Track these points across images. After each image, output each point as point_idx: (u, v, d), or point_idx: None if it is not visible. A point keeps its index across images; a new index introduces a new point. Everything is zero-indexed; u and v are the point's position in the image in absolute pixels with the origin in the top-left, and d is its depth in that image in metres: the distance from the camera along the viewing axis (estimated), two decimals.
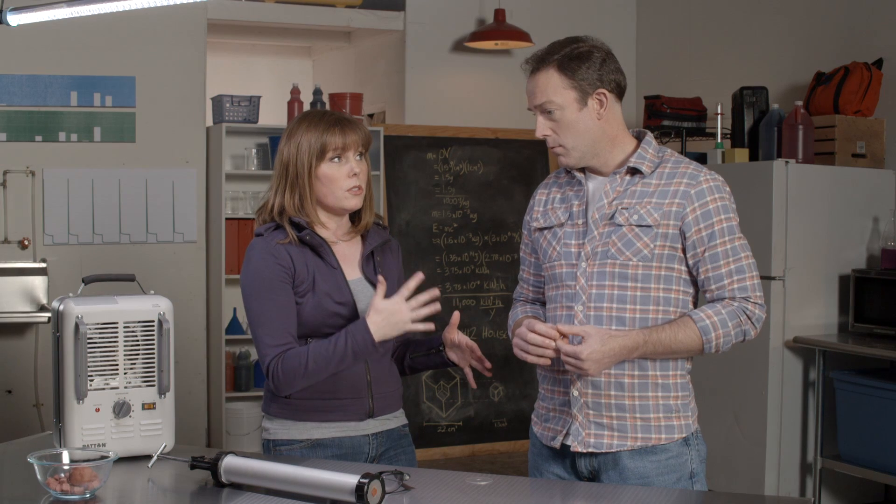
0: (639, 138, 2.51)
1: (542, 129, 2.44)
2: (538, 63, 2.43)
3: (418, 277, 2.46)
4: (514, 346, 2.42)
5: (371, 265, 2.62)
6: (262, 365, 2.51)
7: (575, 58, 2.40)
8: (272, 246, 2.54)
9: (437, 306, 2.45)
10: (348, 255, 2.63)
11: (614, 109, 2.46)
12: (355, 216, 2.66)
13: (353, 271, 2.61)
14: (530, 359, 2.37)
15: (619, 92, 2.46)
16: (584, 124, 2.42)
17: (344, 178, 2.56)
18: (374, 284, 2.58)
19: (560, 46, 2.43)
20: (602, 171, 2.48)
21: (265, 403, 2.63)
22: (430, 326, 2.45)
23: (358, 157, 2.58)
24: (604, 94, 2.42)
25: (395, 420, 2.67)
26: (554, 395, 2.50)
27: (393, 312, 2.42)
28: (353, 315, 2.54)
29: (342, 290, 2.54)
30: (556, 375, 2.48)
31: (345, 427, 2.57)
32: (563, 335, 2.35)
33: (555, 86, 2.40)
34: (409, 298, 2.44)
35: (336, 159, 2.56)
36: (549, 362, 2.38)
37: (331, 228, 2.62)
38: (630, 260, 2.39)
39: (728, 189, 2.45)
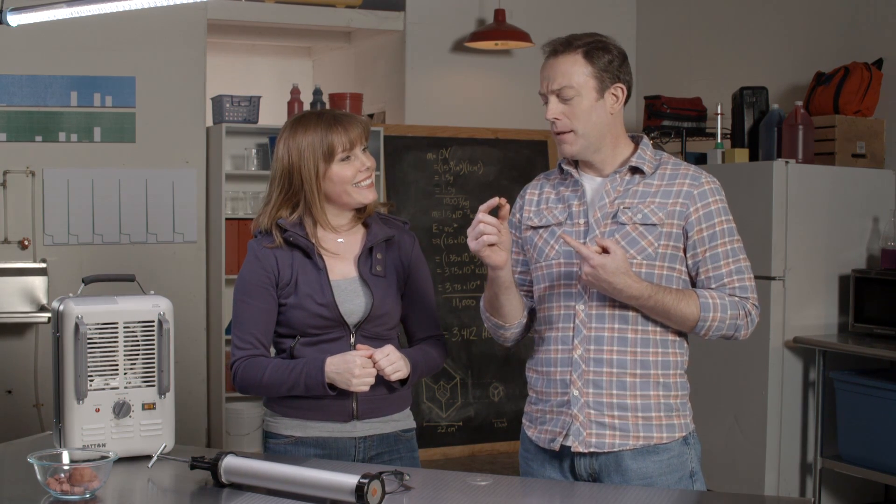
0: (636, 141, 2.51)
1: (555, 111, 2.41)
2: (564, 46, 2.42)
3: (383, 351, 2.50)
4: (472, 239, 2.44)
5: (369, 263, 2.61)
6: (230, 363, 2.59)
7: (601, 48, 2.42)
8: (259, 249, 2.58)
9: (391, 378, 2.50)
10: (346, 252, 2.62)
11: (621, 110, 2.47)
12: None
13: (347, 269, 2.60)
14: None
15: (629, 94, 2.47)
16: (597, 115, 2.42)
17: (356, 174, 2.57)
18: (369, 285, 2.58)
19: (585, 36, 2.44)
20: (599, 170, 2.49)
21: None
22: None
23: (363, 151, 2.60)
24: (621, 89, 2.43)
25: (393, 424, 2.63)
26: (550, 397, 2.48)
27: (349, 370, 2.46)
28: (336, 316, 2.54)
29: (324, 291, 2.54)
30: (553, 376, 2.47)
31: (328, 428, 2.57)
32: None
33: (578, 71, 2.40)
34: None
35: (345, 159, 2.56)
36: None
37: (338, 222, 2.62)
38: (634, 258, 2.39)
39: (723, 192, 2.48)
